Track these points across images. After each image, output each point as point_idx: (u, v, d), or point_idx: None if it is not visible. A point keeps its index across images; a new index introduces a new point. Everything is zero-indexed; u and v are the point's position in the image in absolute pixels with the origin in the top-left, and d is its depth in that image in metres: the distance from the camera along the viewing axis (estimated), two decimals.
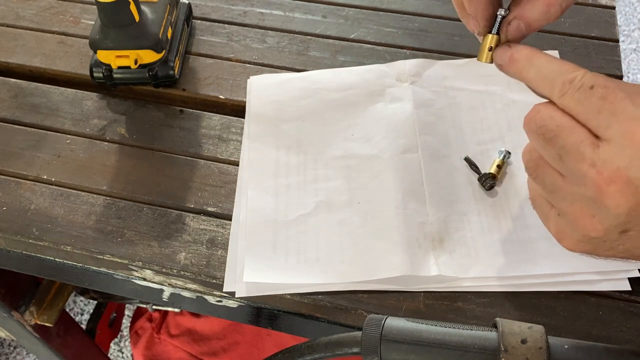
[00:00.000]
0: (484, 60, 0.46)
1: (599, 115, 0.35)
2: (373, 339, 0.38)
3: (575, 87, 0.37)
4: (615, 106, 0.35)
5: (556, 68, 0.38)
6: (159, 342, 0.92)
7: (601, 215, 0.36)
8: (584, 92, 0.36)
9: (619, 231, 0.37)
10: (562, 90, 0.37)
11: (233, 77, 0.70)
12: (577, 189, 0.37)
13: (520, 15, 0.44)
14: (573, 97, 0.37)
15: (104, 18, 0.62)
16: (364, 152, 0.61)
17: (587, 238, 0.38)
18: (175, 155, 0.63)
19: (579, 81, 0.36)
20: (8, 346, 1.48)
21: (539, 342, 0.36)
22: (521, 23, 0.44)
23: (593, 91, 0.36)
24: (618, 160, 0.34)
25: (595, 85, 0.36)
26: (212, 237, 0.57)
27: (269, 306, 0.55)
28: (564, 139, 0.37)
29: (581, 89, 0.36)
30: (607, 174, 0.35)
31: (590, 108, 0.36)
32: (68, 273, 0.60)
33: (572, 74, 0.37)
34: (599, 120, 0.35)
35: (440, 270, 0.52)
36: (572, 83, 0.37)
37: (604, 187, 0.35)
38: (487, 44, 0.45)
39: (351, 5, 0.77)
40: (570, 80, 0.37)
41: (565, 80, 0.37)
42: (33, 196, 0.60)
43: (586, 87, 0.36)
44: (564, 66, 0.38)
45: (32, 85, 0.70)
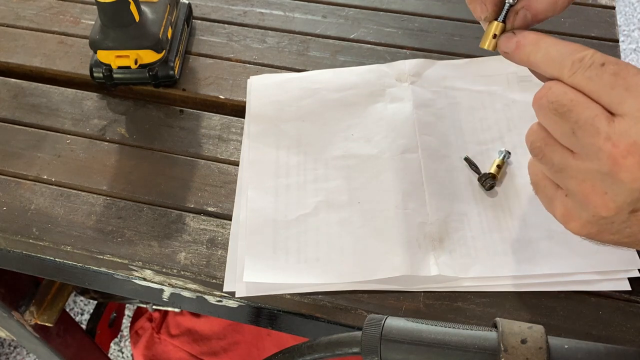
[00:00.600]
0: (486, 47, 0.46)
1: (612, 91, 0.35)
2: (373, 339, 0.38)
3: (586, 65, 0.37)
4: (628, 81, 0.35)
5: (564, 49, 0.38)
6: (159, 342, 0.92)
7: (615, 191, 0.36)
8: (595, 69, 0.36)
9: (629, 210, 0.36)
10: (572, 69, 0.37)
11: (233, 77, 0.70)
12: (589, 165, 0.37)
13: (528, 6, 0.44)
14: (584, 74, 0.37)
15: (104, 18, 0.62)
16: (364, 152, 0.61)
17: (596, 218, 0.38)
18: (175, 155, 0.63)
19: (589, 59, 0.37)
20: (8, 346, 1.48)
21: (539, 342, 0.36)
22: (528, 13, 0.44)
23: (605, 68, 0.36)
24: (635, 134, 0.34)
25: (607, 62, 0.36)
26: (212, 237, 0.57)
27: (269, 306, 0.55)
28: (578, 114, 0.36)
29: (592, 66, 0.36)
30: (624, 146, 0.35)
31: (602, 84, 0.36)
32: (68, 273, 0.60)
33: (582, 53, 0.37)
34: (612, 96, 0.35)
35: (440, 270, 0.52)
36: (582, 61, 0.37)
37: (620, 160, 0.35)
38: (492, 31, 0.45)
39: (351, 5, 0.77)
40: (580, 59, 0.37)
41: (575, 59, 0.37)
42: (33, 196, 0.60)
43: (597, 65, 0.36)
44: (572, 46, 0.38)
45: (32, 85, 0.70)
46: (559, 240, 0.54)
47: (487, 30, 0.46)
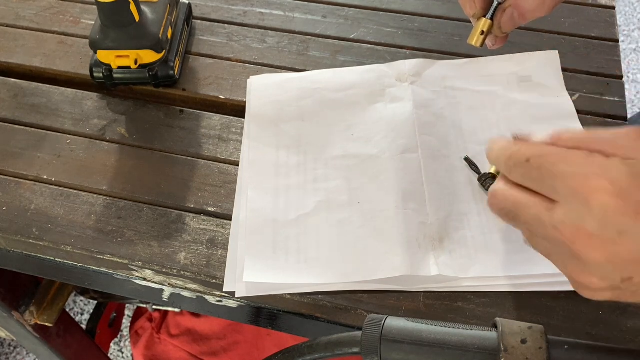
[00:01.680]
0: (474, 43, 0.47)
1: (543, 183, 0.37)
2: (373, 339, 0.38)
3: (515, 163, 0.38)
4: (552, 171, 0.36)
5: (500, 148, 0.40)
6: (159, 342, 0.92)
7: (590, 269, 0.36)
8: (522, 166, 0.38)
9: (619, 280, 0.35)
10: (507, 169, 0.39)
11: (233, 77, 0.70)
12: (558, 250, 0.38)
13: (516, 5, 0.45)
14: (518, 173, 0.39)
15: (104, 18, 0.62)
16: (364, 152, 0.61)
17: (598, 290, 0.37)
18: (175, 155, 0.63)
19: (515, 157, 0.38)
20: (8, 346, 1.48)
21: (539, 342, 0.36)
22: (515, 12, 0.45)
23: (530, 164, 0.37)
24: (573, 219, 0.35)
25: (530, 157, 0.37)
26: (212, 237, 0.57)
27: (269, 306, 0.55)
28: (524, 215, 0.38)
29: (519, 164, 0.38)
30: (569, 234, 0.35)
31: (533, 179, 0.37)
32: (68, 273, 0.60)
33: (510, 151, 0.39)
34: (545, 188, 0.37)
35: (440, 270, 0.52)
36: (511, 159, 0.39)
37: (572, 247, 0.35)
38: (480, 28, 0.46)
39: (351, 5, 0.77)
40: (509, 157, 0.39)
41: (506, 158, 0.39)
42: (33, 196, 0.60)
43: (523, 162, 0.38)
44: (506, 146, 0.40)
45: (32, 85, 0.70)
46: None
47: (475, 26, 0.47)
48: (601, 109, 0.66)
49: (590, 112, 0.65)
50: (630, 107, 1.97)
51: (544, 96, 0.65)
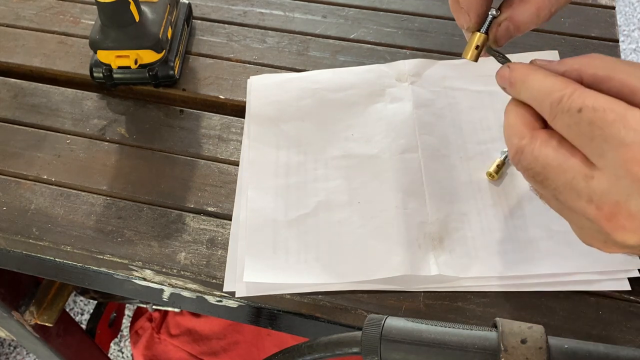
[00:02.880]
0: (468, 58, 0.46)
1: (591, 142, 0.33)
2: (373, 339, 0.38)
3: (563, 109, 0.34)
4: (605, 132, 0.32)
5: (546, 87, 0.35)
6: (159, 342, 0.93)
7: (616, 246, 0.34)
8: (572, 116, 0.33)
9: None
10: (552, 113, 0.35)
11: (233, 77, 0.70)
12: (585, 222, 0.35)
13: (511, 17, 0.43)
14: (563, 121, 0.34)
15: (104, 18, 0.62)
16: (364, 152, 0.61)
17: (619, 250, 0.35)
18: (175, 155, 0.63)
19: (566, 102, 0.34)
20: (8, 346, 1.48)
21: (539, 342, 0.36)
22: (510, 25, 0.43)
23: (581, 115, 0.33)
24: (616, 193, 0.32)
25: (583, 107, 0.33)
26: (212, 237, 0.57)
27: (269, 306, 0.55)
28: (555, 180, 0.35)
29: (569, 112, 0.34)
30: (607, 208, 0.32)
31: (580, 134, 0.33)
32: (68, 273, 0.60)
33: (560, 93, 0.34)
34: (591, 148, 0.33)
35: (440, 270, 0.52)
36: (560, 104, 0.34)
37: (606, 224, 0.33)
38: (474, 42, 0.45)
39: (351, 5, 0.77)
40: (558, 101, 0.34)
41: (552, 101, 0.35)
42: (33, 196, 0.60)
43: (574, 111, 0.33)
44: (554, 84, 0.35)
45: (32, 85, 0.70)
46: (559, 240, 0.54)
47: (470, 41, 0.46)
48: None
49: None
50: None
51: None
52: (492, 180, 0.58)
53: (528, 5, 0.42)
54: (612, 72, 0.34)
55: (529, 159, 0.36)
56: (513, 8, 0.43)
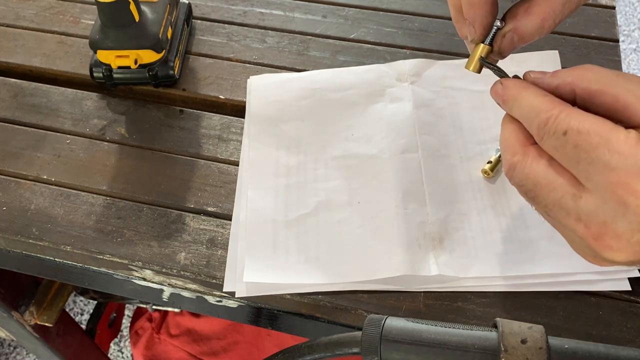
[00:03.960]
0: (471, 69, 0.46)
1: (578, 164, 0.33)
2: (373, 339, 0.38)
3: (549, 131, 0.34)
4: (590, 155, 0.32)
5: (534, 107, 0.36)
6: (159, 342, 0.92)
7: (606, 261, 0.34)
8: (558, 138, 0.34)
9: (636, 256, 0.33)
10: (539, 134, 0.35)
11: (233, 77, 0.70)
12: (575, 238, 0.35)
13: (515, 29, 0.43)
14: (550, 143, 0.34)
15: (104, 18, 0.62)
16: (363, 152, 0.61)
17: None
18: (175, 155, 0.63)
19: (552, 124, 0.34)
20: (8, 346, 1.48)
21: (539, 342, 0.36)
22: (515, 36, 0.43)
23: (567, 138, 0.33)
24: (603, 214, 0.32)
25: (568, 130, 0.33)
26: (212, 237, 0.57)
27: (269, 306, 0.55)
28: (545, 198, 0.35)
29: (555, 134, 0.34)
30: (595, 228, 0.33)
31: (566, 157, 0.33)
32: (68, 273, 0.60)
33: (546, 115, 0.34)
34: (578, 170, 0.33)
35: (440, 270, 0.52)
36: (546, 126, 0.34)
37: (594, 243, 0.33)
38: (478, 53, 0.45)
39: (351, 5, 0.77)
40: (545, 123, 0.34)
41: (540, 122, 0.35)
42: (33, 196, 0.60)
43: (559, 133, 0.33)
44: (541, 104, 0.35)
45: (32, 85, 0.70)
46: (559, 240, 0.53)
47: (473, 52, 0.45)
48: None
49: None
50: None
51: None
52: (488, 178, 0.58)
53: (533, 17, 0.42)
54: (605, 86, 0.34)
55: (521, 176, 0.36)
56: (518, 19, 0.43)
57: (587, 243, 0.34)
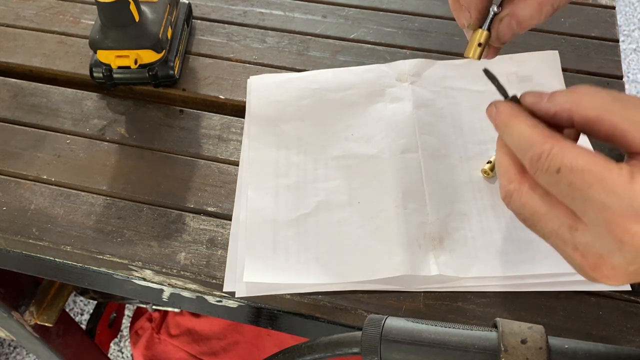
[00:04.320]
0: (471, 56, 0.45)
1: (573, 200, 0.33)
2: (373, 339, 0.38)
3: (542, 168, 0.34)
4: (584, 194, 0.32)
5: (526, 139, 0.35)
6: (159, 342, 0.92)
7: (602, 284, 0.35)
8: (551, 175, 0.33)
9: None
10: (532, 168, 0.35)
11: (233, 77, 0.70)
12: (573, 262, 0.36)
13: (512, 13, 0.43)
14: (543, 179, 0.34)
15: (104, 18, 0.62)
16: (364, 152, 0.61)
17: None
18: (175, 155, 0.63)
19: (544, 161, 0.34)
20: (8, 346, 1.48)
21: (539, 342, 0.36)
22: (512, 21, 0.43)
23: (560, 176, 0.33)
24: (599, 247, 0.33)
25: (562, 167, 0.33)
26: (212, 237, 0.57)
27: (269, 306, 0.55)
28: (542, 227, 0.35)
29: (548, 171, 0.33)
30: (592, 259, 0.33)
31: (561, 193, 0.34)
32: (68, 273, 0.60)
33: (539, 150, 0.34)
34: (573, 205, 0.33)
35: (440, 270, 0.52)
36: (539, 162, 0.34)
37: (591, 272, 0.34)
38: (477, 40, 0.44)
39: (351, 5, 0.77)
40: (537, 158, 0.34)
41: (532, 156, 0.34)
42: (33, 196, 0.60)
43: (552, 171, 0.33)
44: (533, 137, 0.35)
45: (32, 85, 0.70)
46: None
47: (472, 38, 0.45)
48: None
49: None
50: None
51: None
52: (488, 178, 0.58)
53: (529, 1, 0.42)
54: (602, 113, 0.33)
55: (517, 204, 0.36)
56: (514, 4, 0.43)
57: (584, 270, 0.34)
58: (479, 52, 0.45)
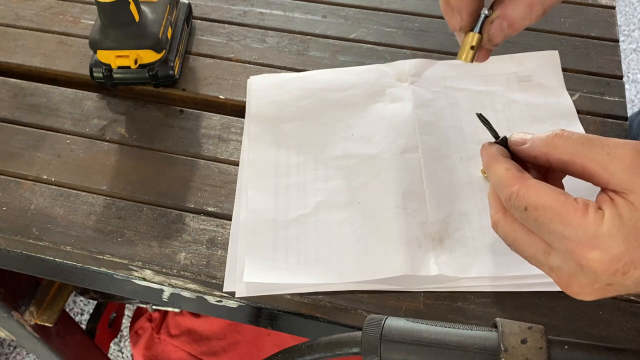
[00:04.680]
0: (463, 59, 0.45)
1: (541, 232, 0.38)
2: (373, 339, 0.38)
3: (513, 206, 0.39)
4: (548, 227, 0.37)
5: (499, 181, 0.40)
6: (159, 342, 0.93)
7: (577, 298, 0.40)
8: (520, 213, 0.39)
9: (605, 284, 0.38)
10: (506, 206, 0.40)
11: (233, 77, 0.70)
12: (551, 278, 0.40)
13: (503, 15, 0.44)
14: (516, 214, 0.39)
15: (104, 18, 0.62)
16: (364, 152, 0.61)
17: None
18: (175, 155, 0.63)
19: (514, 201, 0.39)
20: (8, 346, 1.48)
21: (539, 342, 0.36)
22: (504, 22, 0.44)
23: (527, 213, 0.38)
24: (567, 269, 0.38)
25: (527, 206, 0.38)
26: (212, 237, 0.57)
27: (269, 306, 0.55)
28: (522, 251, 0.40)
29: (517, 209, 0.39)
30: (564, 279, 0.38)
31: (531, 226, 0.39)
32: (68, 273, 0.60)
33: (509, 191, 0.39)
34: (543, 236, 0.38)
35: (440, 270, 0.52)
36: (509, 201, 0.39)
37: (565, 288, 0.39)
38: (469, 42, 0.45)
39: (351, 5, 0.77)
40: (508, 198, 0.39)
41: (504, 197, 0.40)
42: (33, 196, 0.60)
43: (521, 209, 0.38)
44: (504, 179, 0.40)
45: (32, 85, 0.70)
46: None
47: (464, 41, 0.45)
48: (601, 108, 0.66)
49: (590, 112, 0.65)
50: (630, 107, 1.97)
51: (544, 96, 0.65)
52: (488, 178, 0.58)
53: (519, 2, 0.43)
54: (573, 156, 0.38)
55: (502, 232, 0.41)
56: (505, 6, 0.44)
57: (560, 287, 0.40)
58: (472, 55, 0.46)
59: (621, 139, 0.37)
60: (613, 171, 0.36)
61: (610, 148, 0.37)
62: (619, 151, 0.36)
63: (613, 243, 0.35)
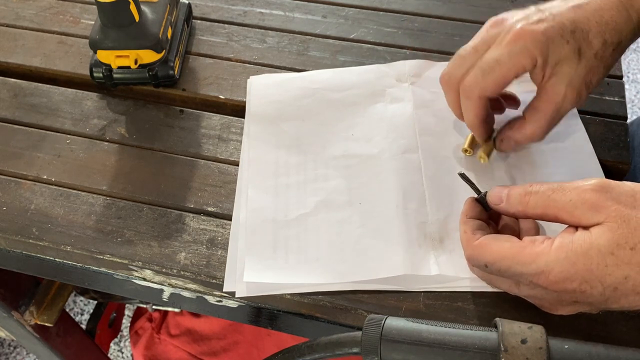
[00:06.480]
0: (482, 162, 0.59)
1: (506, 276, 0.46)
2: (373, 339, 0.38)
3: (475, 265, 0.48)
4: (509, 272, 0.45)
5: (462, 241, 0.49)
6: (159, 342, 0.93)
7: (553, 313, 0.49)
8: (484, 269, 0.47)
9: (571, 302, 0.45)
10: (471, 263, 0.50)
11: (233, 77, 0.70)
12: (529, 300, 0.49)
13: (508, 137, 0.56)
14: (481, 269, 0.48)
15: (104, 18, 0.62)
16: (364, 152, 0.61)
17: None
18: (175, 155, 0.63)
19: (475, 260, 0.47)
20: (8, 346, 1.49)
21: (539, 342, 0.36)
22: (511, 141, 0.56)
23: (489, 268, 0.46)
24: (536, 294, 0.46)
25: (487, 263, 0.46)
26: (212, 237, 0.57)
27: (269, 306, 0.55)
28: (499, 286, 0.50)
29: (480, 266, 0.47)
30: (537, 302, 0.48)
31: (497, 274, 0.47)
32: (68, 273, 0.60)
33: (467, 253, 0.48)
34: (508, 277, 0.46)
35: (440, 269, 0.52)
36: (471, 260, 0.48)
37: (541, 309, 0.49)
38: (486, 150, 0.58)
39: (351, 5, 0.77)
40: (469, 258, 0.48)
41: (467, 256, 0.49)
42: (33, 196, 0.60)
43: (482, 266, 0.47)
44: (463, 242, 0.49)
45: (32, 85, 0.70)
46: None
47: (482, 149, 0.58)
48: (601, 108, 0.66)
49: (590, 111, 0.65)
50: (630, 107, 1.97)
51: None
52: (470, 156, 0.60)
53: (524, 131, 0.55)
54: (545, 209, 0.45)
55: (478, 274, 0.50)
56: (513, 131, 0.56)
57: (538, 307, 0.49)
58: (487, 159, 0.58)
59: (586, 182, 0.43)
60: (579, 216, 0.42)
61: (574, 194, 0.43)
62: (582, 196, 0.42)
63: (562, 268, 0.41)
